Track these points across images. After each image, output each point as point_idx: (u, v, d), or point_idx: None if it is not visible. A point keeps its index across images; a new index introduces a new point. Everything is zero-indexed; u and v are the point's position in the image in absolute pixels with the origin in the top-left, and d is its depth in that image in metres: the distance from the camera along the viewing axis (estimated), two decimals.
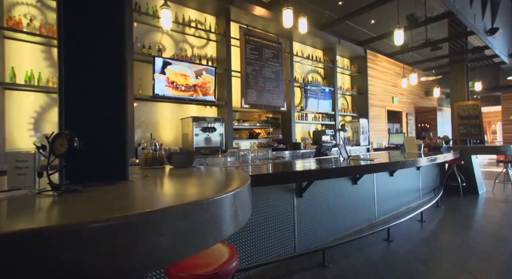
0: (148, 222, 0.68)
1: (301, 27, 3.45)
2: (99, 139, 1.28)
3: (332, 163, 2.71)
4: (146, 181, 1.31)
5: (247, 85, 5.17)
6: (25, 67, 3.32)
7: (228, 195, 0.93)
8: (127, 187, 1.15)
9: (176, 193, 1.07)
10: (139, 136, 4.20)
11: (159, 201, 0.92)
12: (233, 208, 0.97)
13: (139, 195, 1.05)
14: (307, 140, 6.54)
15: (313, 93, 6.43)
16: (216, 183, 1.30)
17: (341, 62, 7.74)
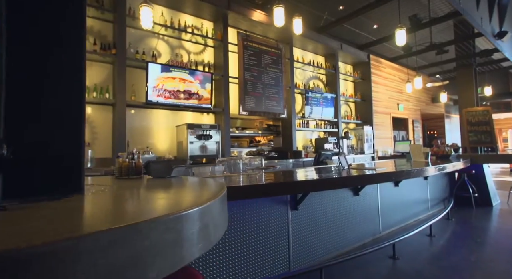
0: (55, 254, 0.49)
1: (296, 28, 3.29)
2: (49, 146, 1.11)
3: (330, 172, 2.49)
4: (102, 195, 1.13)
5: (245, 92, 5.02)
6: None
7: (189, 212, 0.75)
8: (71, 202, 0.97)
9: (122, 211, 0.88)
10: (132, 144, 4.04)
11: (90, 224, 0.73)
12: (196, 227, 0.79)
13: (75, 214, 0.87)
14: (309, 148, 6.32)
15: (314, 100, 6.24)
16: (183, 196, 1.11)
17: (344, 68, 7.57)
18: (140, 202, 1.04)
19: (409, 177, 2.47)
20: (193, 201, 0.97)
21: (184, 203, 0.95)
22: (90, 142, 3.71)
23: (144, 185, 1.46)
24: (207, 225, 0.83)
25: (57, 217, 0.79)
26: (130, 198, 1.11)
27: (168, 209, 0.83)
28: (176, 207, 0.83)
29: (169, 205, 0.95)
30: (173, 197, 1.13)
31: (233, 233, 1.94)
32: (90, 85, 3.67)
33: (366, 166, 3.21)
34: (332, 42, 6.55)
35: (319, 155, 3.86)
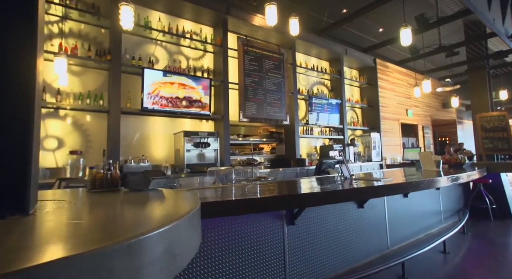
0: None
1: (293, 29, 3.13)
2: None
3: (330, 184, 2.28)
4: (50, 215, 0.96)
5: (246, 98, 4.87)
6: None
7: (144, 238, 0.62)
8: (3, 226, 0.80)
9: (52, 240, 0.71)
10: (127, 152, 3.92)
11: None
12: (155, 252, 0.66)
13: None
14: (313, 156, 6.09)
15: (318, 106, 6.04)
16: (145, 216, 0.94)
17: (349, 73, 7.36)
18: (88, 225, 0.86)
19: (417, 189, 2.23)
20: (154, 222, 0.82)
21: (140, 226, 0.78)
22: (84, 150, 3.60)
23: (111, 200, 1.30)
24: (169, 249, 0.72)
25: None
26: (80, 219, 0.94)
27: (119, 233, 0.68)
28: (126, 232, 0.68)
29: (123, 228, 0.78)
30: (133, 216, 0.96)
31: (219, 252, 1.74)
32: (84, 92, 3.58)
33: (371, 176, 2.97)
34: (336, 46, 6.38)
35: (320, 163, 3.64)
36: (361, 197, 2.27)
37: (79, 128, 3.61)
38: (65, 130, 3.52)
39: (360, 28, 6.08)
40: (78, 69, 3.64)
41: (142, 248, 0.62)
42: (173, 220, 0.79)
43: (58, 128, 3.47)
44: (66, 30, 3.60)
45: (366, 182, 2.30)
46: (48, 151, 3.39)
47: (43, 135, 3.37)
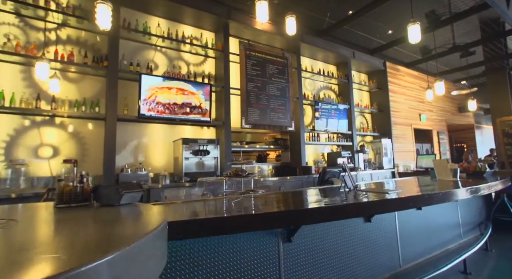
0: None
1: (289, 28, 2.96)
2: None
3: (331, 196, 2.05)
4: None
5: (248, 104, 4.71)
6: (4, 88, 3.11)
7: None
8: None
9: None
10: (125, 160, 3.81)
11: None
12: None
13: None
14: (320, 163, 5.83)
15: (325, 112, 5.81)
16: (97, 239, 0.77)
17: (358, 77, 7.11)
18: (5, 256, 0.69)
19: (431, 202, 1.96)
20: (100, 249, 0.66)
21: (78, 255, 0.62)
22: (80, 159, 3.51)
23: (69, 218, 1.13)
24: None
25: None
26: (2, 247, 0.77)
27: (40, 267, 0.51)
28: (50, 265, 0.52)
29: (50, 260, 0.61)
30: (78, 240, 0.79)
31: (201, 275, 1.54)
32: (80, 99, 3.51)
33: (378, 187, 2.71)
34: (343, 50, 6.17)
35: (323, 172, 3.40)
36: (364, 213, 2.03)
37: (75, 137, 3.53)
38: (61, 139, 3.44)
39: (366, 30, 5.84)
40: (75, 76, 3.59)
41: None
42: (125, 244, 0.67)
43: (53, 137, 3.40)
44: (64, 37, 3.56)
45: (372, 194, 2.06)
46: (43, 160, 3.31)
47: (37, 144, 3.30)
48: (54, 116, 3.39)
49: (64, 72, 3.52)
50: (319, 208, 1.59)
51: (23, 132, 3.24)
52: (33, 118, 3.29)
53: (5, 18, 3.23)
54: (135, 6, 4.00)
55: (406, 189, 2.53)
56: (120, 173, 3.54)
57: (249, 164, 5.13)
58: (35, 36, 3.38)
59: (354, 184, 2.17)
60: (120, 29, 3.73)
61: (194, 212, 1.48)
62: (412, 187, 2.72)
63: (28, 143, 3.25)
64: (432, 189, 2.52)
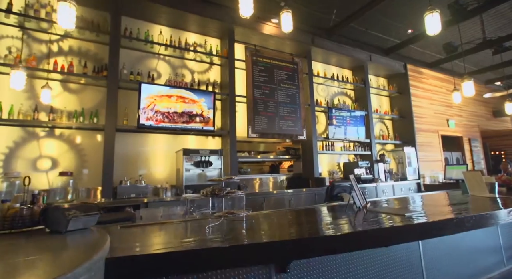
0: None
1: (285, 25, 2.69)
2: None
3: (334, 219, 1.72)
4: None
5: (255, 112, 4.47)
6: (5, 100, 3.11)
7: None
8: None
9: None
10: (125, 172, 3.67)
11: None
12: None
13: None
14: (335, 174, 5.42)
15: (340, 119, 5.43)
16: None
17: (376, 81, 6.66)
18: None
19: (462, 229, 1.57)
20: None
21: None
22: (79, 171, 3.42)
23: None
24: None
25: None
26: None
27: None
28: None
29: None
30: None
31: None
32: (80, 110, 3.45)
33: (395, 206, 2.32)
34: (358, 53, 5.80)
35: (332, 187, 3.03)
36: (371, 244, 1.66)
37: (74, 148, 3.45)
38: (60, 150, 3.37)
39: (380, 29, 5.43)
40: (77, 87, 3.55)
41: None
42: None
43: (52, 148, 3.34)
44: (66, 48, 3.55)
45: (385, 215, 1.70)
46: (41, 172, 3.24)
47: (36, 156, 3.24)
48: (52, 128, 3.34)
49: (65, 83, 3.49)
50: (310, 239, 1.28)
51: (22, 144, 3.20)
52: (33, 130, 3.26)
53: (8, 31, 3.26)
54: (137, 14, 3.94)
55: (431, 208, 2.13)
56: (119, 185, 3.40)
57: (258, 175, 4.86)
58: (38, 48, 3.38)
59: (363, 203, 1.83)
60: (122, 39, 3.68)
61: (152, 242, 1.23)
62: (439, 206, 2.30)
63: (27, 154, 3.20)
64: (463, 208, 2.10)
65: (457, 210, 2.05)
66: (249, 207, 3.82)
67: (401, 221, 1.54)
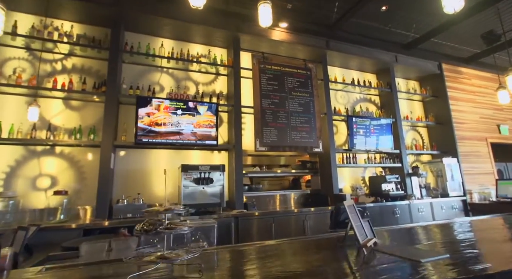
0: None
1: (262, 19, 2.35)
2: None
3: (317, 266, 1.29)
4: None
5: (264, 123, 4.13)
6: (10, 119, 3.16)
7: None
8: None
9: None
10: (126, 190, 3.53)
11: None
12: None
13: None
14: (359, 190, 4.80)
15: (362, 127, 4.86)
16: None
17: (405, 85, 5.97)
18: None
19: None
20: None
21: None
22: (78, 189, 3.33)
23: None
24: None
25: None
26: None
27: None
28: None
29: None
30: None
31: None
32: (79, 126, 3.40)
33: (414, 243, 1.78)
34: (382, 54, 5.23)
35: (337, 211, 2.52)
36: None
37: (74, 166, 3.39)
38: (59, 168, 3.33)
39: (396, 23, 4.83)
40: (78, 104, 3.53)
41: None
42: None
43: (52, 166, 3.30)
44: (69, 66, 3.58)
45: (395, 258, 1.23)
46: (40, 191, 3.21)
47: (36, 174, 3.22)
48: (53, 145, 3.31)
49: (68, 100, 3.49)
50: None
51: (23, 163, 3.20)
52: (34, 148, 3.26)
53: (13, 52, 3.36)
54: (139, 29, 3.91)
55: (485, 244, 1.56)
56: (115, 204, 3.23)
57: (270, 192, 4.45)
58: (42, 67, 3.44)
59: (365, 238, 1.37)
60: (124, 54, 3.63)
61: None
62: (491, 241, 1.69)
63: (27, 173, 3.19)
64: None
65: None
66: (261, 230, 3.43)
67: (423, 274, 1.05)
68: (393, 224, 4.32)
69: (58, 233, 2.70)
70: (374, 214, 4.27)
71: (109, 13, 3.53)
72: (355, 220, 1.43)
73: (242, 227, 3.43)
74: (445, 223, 2.36)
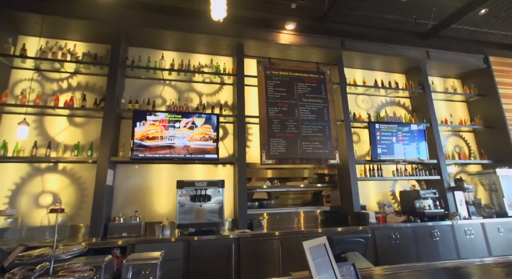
0: None
1: (215, 11, 2.02)
2: None
3: None
4: None
5: (270, 134, 3.78)
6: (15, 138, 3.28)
7: None
8: None
9: None
10: (125, 207, 3.42)
11: None
12: None
13: None
14: (387, 207, 4.14)
15: (388, 135, 4.24)
16: None
17: (442, 84, 5.18)
18: None
19: None
20: None
21: None
22: (78, 206, 3.30)
23: None
24: None
25: None
26: None
27: None
28: None
29: None
30: None
31: None
32: (82, 143, 3.41)
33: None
34: (410, 50, 4.59)
35: (330, 243, 2.03)
36: None
37: (75, 182, 3.39)
38: (61, 185, 3.34)
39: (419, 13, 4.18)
40: (81, 121, 3.57)
41: None
42: None
43: (54, 183, 3.33)
44: (74, 84, 3.66)
45: None
46: (42, 208, 3.23)
47: (39, 191, 3.26)
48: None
49: (71, 117, 3.54)
50: None
51: (28, 180, 3.26)
52: (38, 165, 3.32)
53: (22, 74, 3.52)
54: (141, 43, 3.89)
55: None
56: (110, 222, 3.12)
57: (282, 209, 4.03)
58: (49, 87, 3.56)
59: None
60: (126, 69, 3.62)
61: None
62: None
63: (31, 190, 3.25)
64: None
65: None
66: (266, 255, 3.03)
67: None
68: (431, 250, 3.60)
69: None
70: (405, 237, 3.61)
71: (111, 30, 3.55)
72: (322, 270, 1.02)
73: (244, 250, 3.08)
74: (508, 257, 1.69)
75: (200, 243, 2.98)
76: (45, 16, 3.30)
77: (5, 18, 3.32)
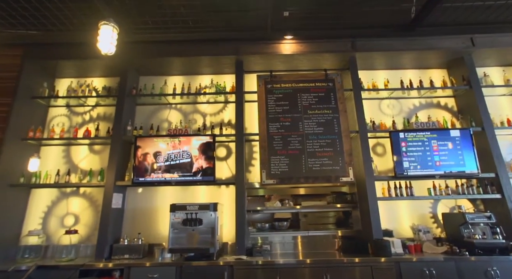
0: None
1: (102, 43, 1.88)
2: None
3: None
4: None
5: (271, 152, 3.54)
6: (49, 167, 3.83)
7: None
8: None
9: None
10: (131, 230, 3.60)
11: None
12: None
13: None
14: (424, 233, 3.38)
15: (416, 145, 3.52)
16: None
17: (499, 77, 4.10)
18: None
19: None
20: None
21: None
22: (94, 227, 3.61)
23: None
24: None
25: None
26: None
27: None
28: None
29: None
30: None
31: None
32: (94, 169, 3.77)
33: None
34: (446, 40, 3.79)
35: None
36: None
37: (93, 205, 3.73)
38: (81, 207, 3.72)
39: None
40: (98, 148, 3.95)
41: None
42: None
43: (76, 206, 3.72)
44: (95, 115, 4.10)
45: None
46: (65, 228, 3.63)
47: (64, 213, 3.69)
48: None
49: (91, 145, 3.96)
50: None
51: (57, 203, 3.73)
52: (64, 190, 3.78)
53: (57, 111, 4.12)
54: (150, 72, 4.17)
55: None
56: (114, 244, 3.30)
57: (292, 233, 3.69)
58: (76, 120, 4.08)
59: None
60: (131, 97, 3.91)
61: None
62: None
63: (59, 212, 3.69)
64: None
65: None
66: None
67: None
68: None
69: (58, 271, 2.91)
70: (445, 275, 2.85)
71: (120, 64, 3.90)
72: None
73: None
74: None
75: (192, 269, 2.89)
76: (68, 61, 3.83)
77: (41, 66, 3.97)
